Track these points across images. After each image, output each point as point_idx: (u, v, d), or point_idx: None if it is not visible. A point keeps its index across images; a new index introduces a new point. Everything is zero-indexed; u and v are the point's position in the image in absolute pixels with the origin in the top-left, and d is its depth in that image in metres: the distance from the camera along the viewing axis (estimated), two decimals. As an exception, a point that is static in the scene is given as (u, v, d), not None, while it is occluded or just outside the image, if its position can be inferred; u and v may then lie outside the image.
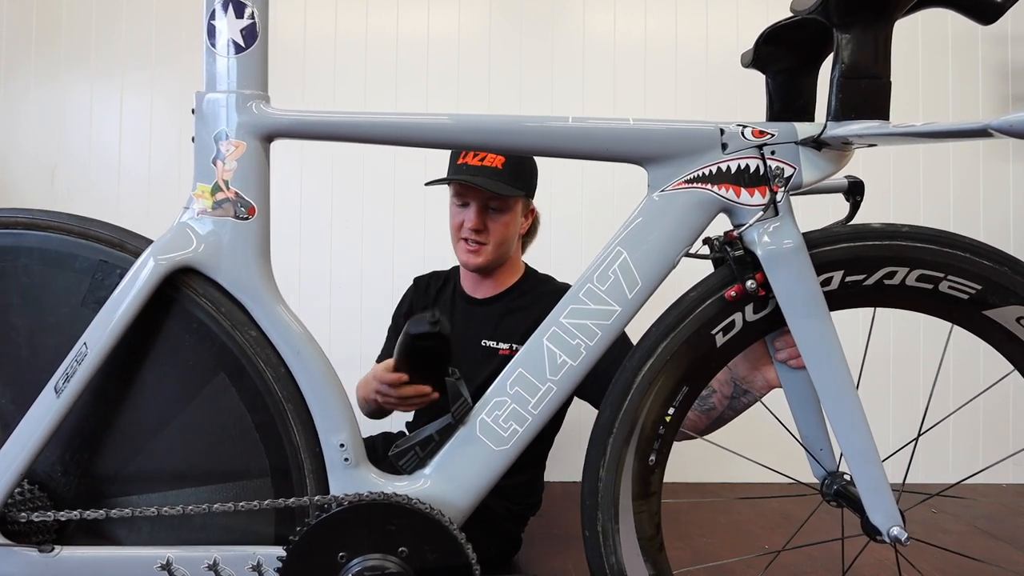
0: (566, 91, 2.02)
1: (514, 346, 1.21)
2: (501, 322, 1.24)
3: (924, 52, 1.99)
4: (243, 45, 0.67)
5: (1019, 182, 2.03)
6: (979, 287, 0.67)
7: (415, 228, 2.00)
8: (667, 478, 0.73)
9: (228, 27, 0.67)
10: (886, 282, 0.68)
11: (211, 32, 0.67)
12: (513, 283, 1.28)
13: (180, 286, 0.67)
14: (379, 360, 1.35)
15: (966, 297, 0.68)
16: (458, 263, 1.30)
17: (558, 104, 2.01)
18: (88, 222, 0.68)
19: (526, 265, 1.34)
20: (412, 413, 1.41)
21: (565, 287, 1.27)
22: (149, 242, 0.68)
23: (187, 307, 0.68)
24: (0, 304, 0.68)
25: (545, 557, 1.32)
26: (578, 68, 2.02)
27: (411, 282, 1.39)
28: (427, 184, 1.24)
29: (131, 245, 0.68)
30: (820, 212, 0.95)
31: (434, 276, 1.37)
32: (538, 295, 1.25)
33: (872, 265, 0.67)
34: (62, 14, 1.99)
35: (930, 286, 0.68)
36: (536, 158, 1.26)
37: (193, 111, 0.68)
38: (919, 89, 2.00)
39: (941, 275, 0.67)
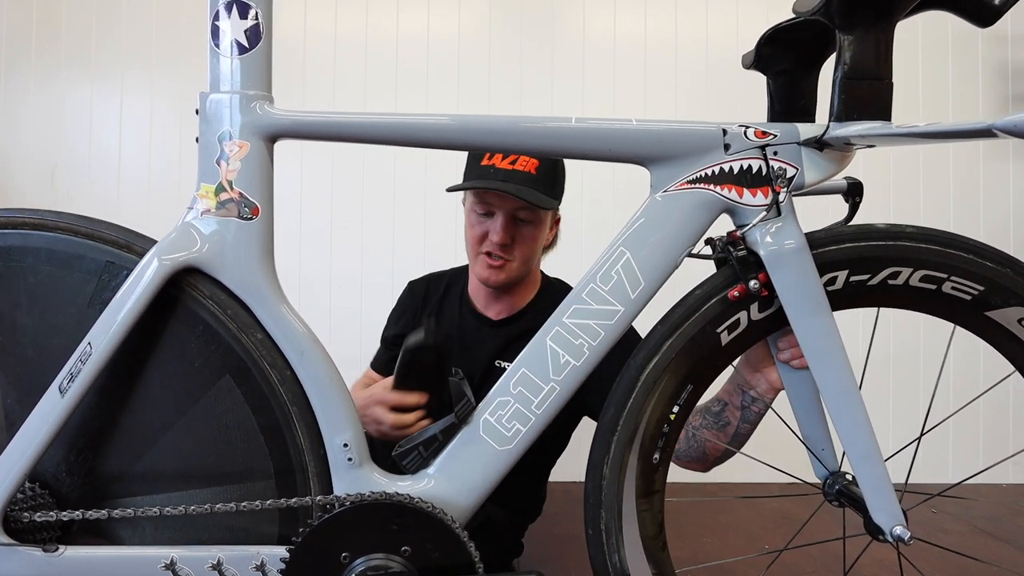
0: (566, 91, 2.02)
1: None
2: (517, 343, 1.12)
3: (924, 52, 2.00)
4: (247, 46, 0.67)
5: (1019, 182, 2.04)
6: (982, 288, 0.67)
7: (415, 228, 2.00)
8: (668, 478, 0.73)
9: (232, 28, 0.67)
10: (890, 282, 0.68)
11: (215, 33, 0.67)
12: (530, 300, 1.15)
13: (184, 286, 0.68)
14: (373, 366, 1.26)
15: (968, 298, 0.68)
16: (462, 269, 1.18)
17: (558, 104, 2.02)
18: (95, 223, 0.68)
19: (542, 273, 1.21)
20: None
21: None
22: (155, 243, 0.68)
23: (192, 308, 0.68)
24: (7, 304, 0.68)
25: (545, 557, 1.32)
26: (578, 68, 2.03)
27: (406, 286, 1.27)
28: (450, 189, 1.10)
29: (138, 246, 0.68)
30: (820, 212, 0.95)
31: (432, 281, 1.24)
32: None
33: (876, 265, 0.67)
34: (62, 14, 1.99)
35: (933, 287, 0.68)
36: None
37: (197, 111, 0.68)
38: (919, 89, 2.01)
39: (944, 276, 0.67)
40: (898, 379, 1.99)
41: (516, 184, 1.01)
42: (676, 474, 1.02)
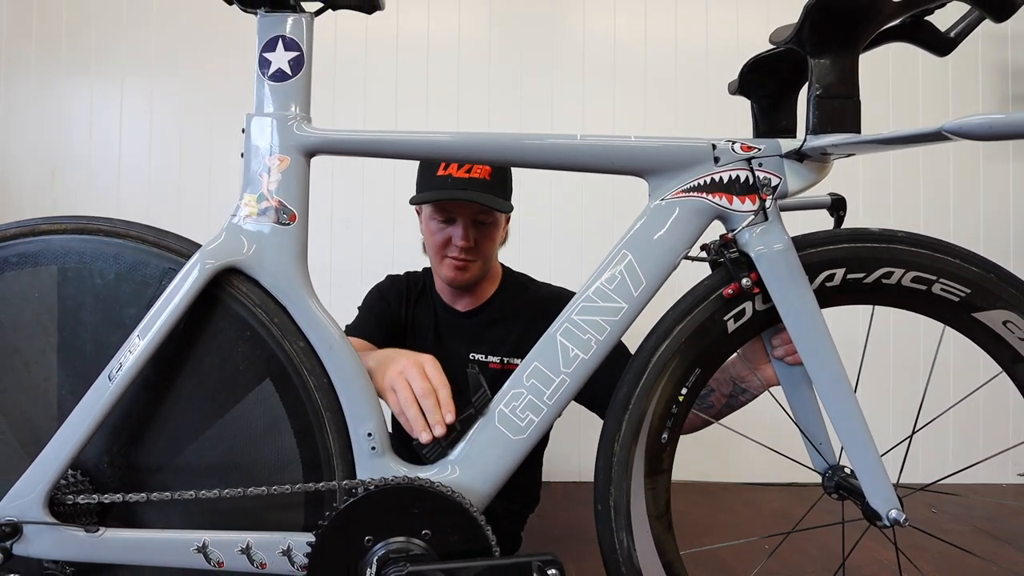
0: (566, 92, 2.07)
1: (504, 359, 1.20)
2: (487, 333, 1.23)
3: (924, 52, 2.05)
4: (290, 74, 0.76)
5: (1019, 182, 2.06)
6: (968, 291, 0.73)
7: (415, 227, 2.04)
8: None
9: (277, 59, 0.76)
10: (884, 281, 0.74)
11: (262, 63, 0.76)
12: (494, 291, 1.25)
13: (225, 285, 0.74)
14: (349, 331, 1.23)
15: (956, 299, 0.74)
16: (427, 271, 1.26)
17: (558, 106, 2.06)
18: (162, 233, 0.76)
19: (502, 266, 1.31)
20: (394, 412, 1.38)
21: (545, 288, 1.29)
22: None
23: (231, 306, 0.74)
24: (75, 302, 0.74)
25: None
26: (578, 70, 2.07)
27: (386, 277, 1.31)
28: (413, 202, 1.19)
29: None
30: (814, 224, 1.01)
31: (410, 278, 1.30)
32: (522, 303, 1.24)
33: (871, 265, 0.74)
34: (62, 15, 2.05)
35: (924, 287, 0.74)
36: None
37: (243, 131, 0.76)
38: (919, 89, 2.00)
39: (934, 278, 0.73)
40: (899, 378, 1.98)
41: (475, 191, 1.12)
42: (678, 474, 1.05)
